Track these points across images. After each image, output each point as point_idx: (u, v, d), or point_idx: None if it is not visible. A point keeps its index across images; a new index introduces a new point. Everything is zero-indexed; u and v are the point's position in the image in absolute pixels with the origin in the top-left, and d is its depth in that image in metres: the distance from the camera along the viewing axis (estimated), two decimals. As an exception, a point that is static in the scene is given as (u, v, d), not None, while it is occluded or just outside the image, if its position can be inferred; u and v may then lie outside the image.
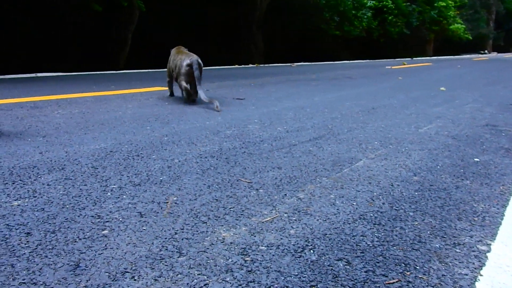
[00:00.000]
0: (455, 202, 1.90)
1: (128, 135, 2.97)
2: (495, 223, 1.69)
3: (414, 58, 22.70)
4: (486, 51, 40.47)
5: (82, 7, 9.19)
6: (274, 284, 1.22)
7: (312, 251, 1.41)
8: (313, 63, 15.39)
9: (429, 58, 25.70)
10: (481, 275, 1.31)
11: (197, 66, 4.37)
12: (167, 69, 4.86)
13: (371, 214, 1.73)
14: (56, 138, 2.83)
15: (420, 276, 1.29)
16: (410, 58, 22.19)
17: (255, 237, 1.50)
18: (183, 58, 4.48)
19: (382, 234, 1.55)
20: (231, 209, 1.74)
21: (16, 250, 1.36)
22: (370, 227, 1.60)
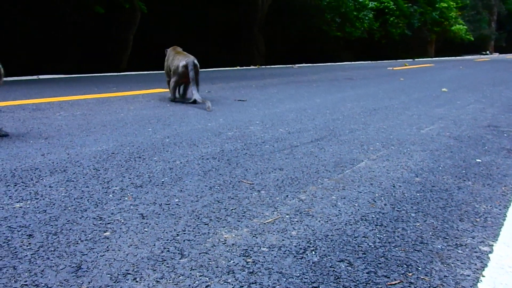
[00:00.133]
0: (457, 203, 1.89)
1: (129, 137, 2.97)
2: (497, 224, 1.69)
3: (416, 59, 22.69)
4: (488, 52, 40.41)
5: (82, 8, 9.21)
6: (276, 285, 1.21)
7: (313, 252, 1.41)
8: (314, 65, 15.39)
9: (430, 59, 25.67)
10: (483, 276, 1.30)
11: (192, 67, 4.42)
12: (165, 69, 4.93)
13: (373, 215, 1.73)
14: (58, 140, 2.84)
15: (422, 277, 1.28)
16: (411, 59, 22.17)
17: (257, 238, 1.50)
18: (180, 58, 4.55)
19: (384, 235, 1.55)
20: (233, 210, 1.74)
21: (18, 252, 1.36)
22: (372, 228, 1.60)
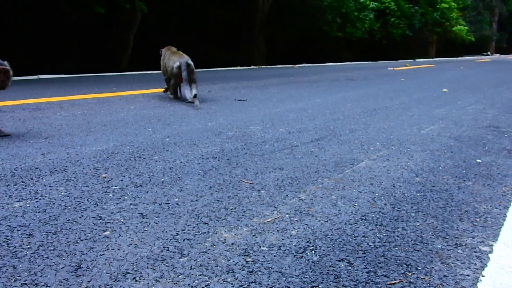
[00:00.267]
0: (457, 203, 1.89)
1: (130, 137, 2.97)
2: (497, 224, 1.68)
3: (417, 60, 22.69)
4: (489, 53, 40.41)
5: (82, 8, 9.22)
6: (276, 284, 1.21)
7: (313, 252, 1.40)
8: (315, 65, 15.39)
9: (431, 59, 25.67)
10: (483, 276, 1.30)
11: (185, 67, 4.53)
12: (162, 69, 5.07)
13: (373, 215, 1.72)
14: (58, 140, 2.84)
15: (421, 276, 1.28)
16: (412, 60, 22.18)
17: (257, 237, 1.50)
18: (174, 59, 4.67)
19: (384, 234, 1.55)
20: (233, 210, 1.74)
21: (17, 251, 1.36)
22: (372, 228, 1.60)
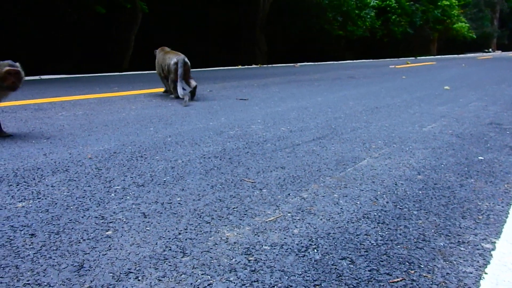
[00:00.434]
0: (460, 201, 1.89)
1: (131, 136, 2.98)
2: (500, 221, 1.68)
3: (418, 58, 22.64)
4: (490, 50, 40.31)
5: (83, 8, 9.22)
6: (278, 283, 1.21)
7: (315, 250, 1.40)
8: (316, 63, 15.38)
9: (433, 57, 25.62)
10: (485, 273, 1.30)
11: (182, 64, 4.72)
12: (157, 70, 5.18)
13: (375, 213, 1.72)
14: (60, 140, 2.84)
15: (424, 274, 1.28)
16: (414, 58, 22.14)
17: (259, 236, 1.50)
18: (171, 57, 4.84)
19: (386, 233, 1.55)
20: (235, 209, 1.74)
21: (20, 251, 1.37)
22: (374, 226, 1.60)
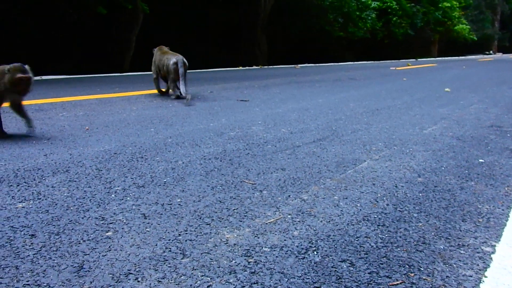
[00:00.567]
0: (460, 203, 1.89)
1: (132, 137, 2.98)
2: (500, 225, 1.68)
3: (419, 59, 22.66)
4: (491, 52, 40.32)
5: (84, 8, 9.23)
6: (278, 285, 1.21)
7: (315, 253, 1.40)
8: (317, 65, 15.39)
9: (433, 59, 25.62)
10: (485, 277, 1.30)
11: (182, 64, 4.79)
12: (153, 68, 5.20)
13: (375, 215, 1.72)
14: (60, 141, 2.85)
15: (424, 277, 1.28)
16: (414, 59, 22.14)
17: (259, 238, 1.50)
18: (169, 57, 4.89)
19: (386, 235, 1.55)
20: (235, 210, 1.74)
21: (20, 252, 1.37)
22: (374, 229, 1.60)
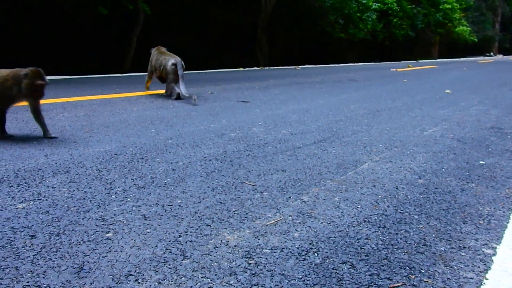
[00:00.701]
0: (460, 205, 1.89)
1: (132, 138, 2.98)
2: (501, 226, 1.68)
3: (419, 61, 22.65)
4: (491, 54, 40.31)
5: (83, 8, 9.23)
6: (278, 287, 1.21)
7: (316, 254, 1.40)
8: (317, 66, 15.39)
9: (434, 60, 25.62)
10: (486, 279, 1.30)
11: (181, 65, 4.87)
12: (149, 69, 5.28)
13: (376, 217, 1.72)
14: (61, 141, 2.85)
15: (425, 279, 1.28)
16: (415, 61, 22.13)
17: (259, 240, 1.49)
18: (168, 58, 4.95)
19: (387, 237, 1.55)
20: (235, 212, 1.74)
21: (20, 252, 1.37)
22: (375, 230, 1.60)
